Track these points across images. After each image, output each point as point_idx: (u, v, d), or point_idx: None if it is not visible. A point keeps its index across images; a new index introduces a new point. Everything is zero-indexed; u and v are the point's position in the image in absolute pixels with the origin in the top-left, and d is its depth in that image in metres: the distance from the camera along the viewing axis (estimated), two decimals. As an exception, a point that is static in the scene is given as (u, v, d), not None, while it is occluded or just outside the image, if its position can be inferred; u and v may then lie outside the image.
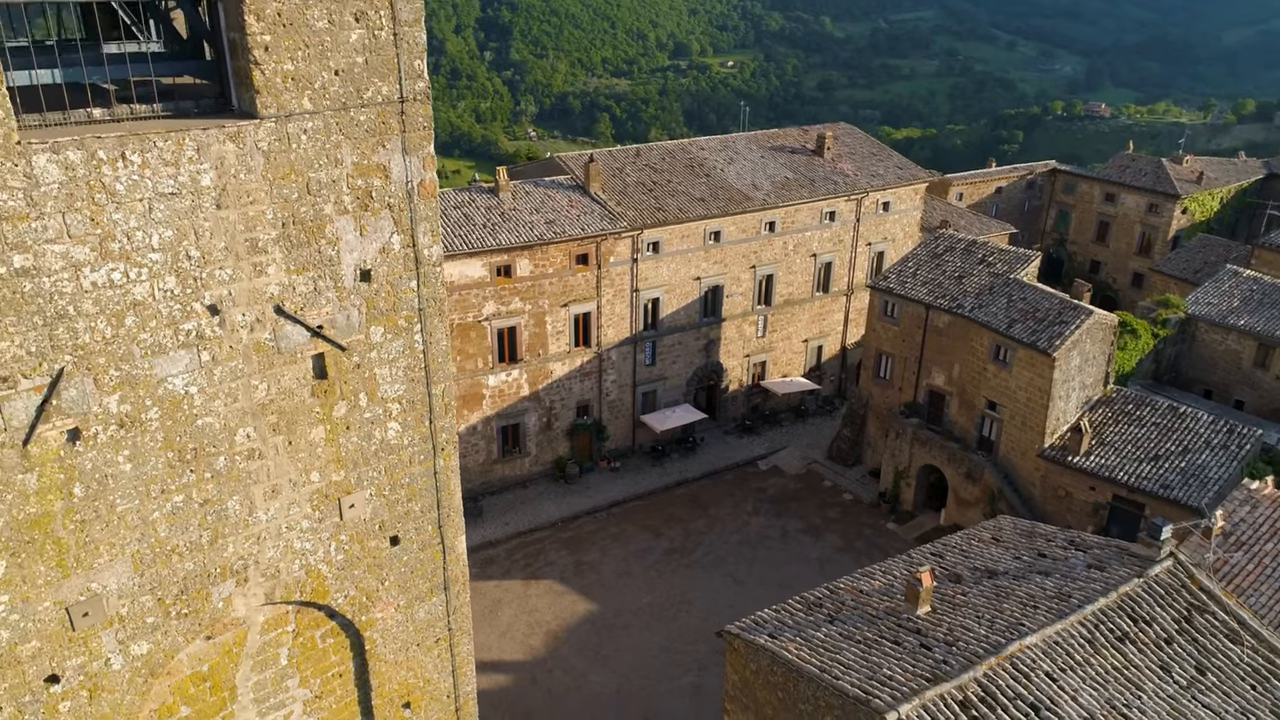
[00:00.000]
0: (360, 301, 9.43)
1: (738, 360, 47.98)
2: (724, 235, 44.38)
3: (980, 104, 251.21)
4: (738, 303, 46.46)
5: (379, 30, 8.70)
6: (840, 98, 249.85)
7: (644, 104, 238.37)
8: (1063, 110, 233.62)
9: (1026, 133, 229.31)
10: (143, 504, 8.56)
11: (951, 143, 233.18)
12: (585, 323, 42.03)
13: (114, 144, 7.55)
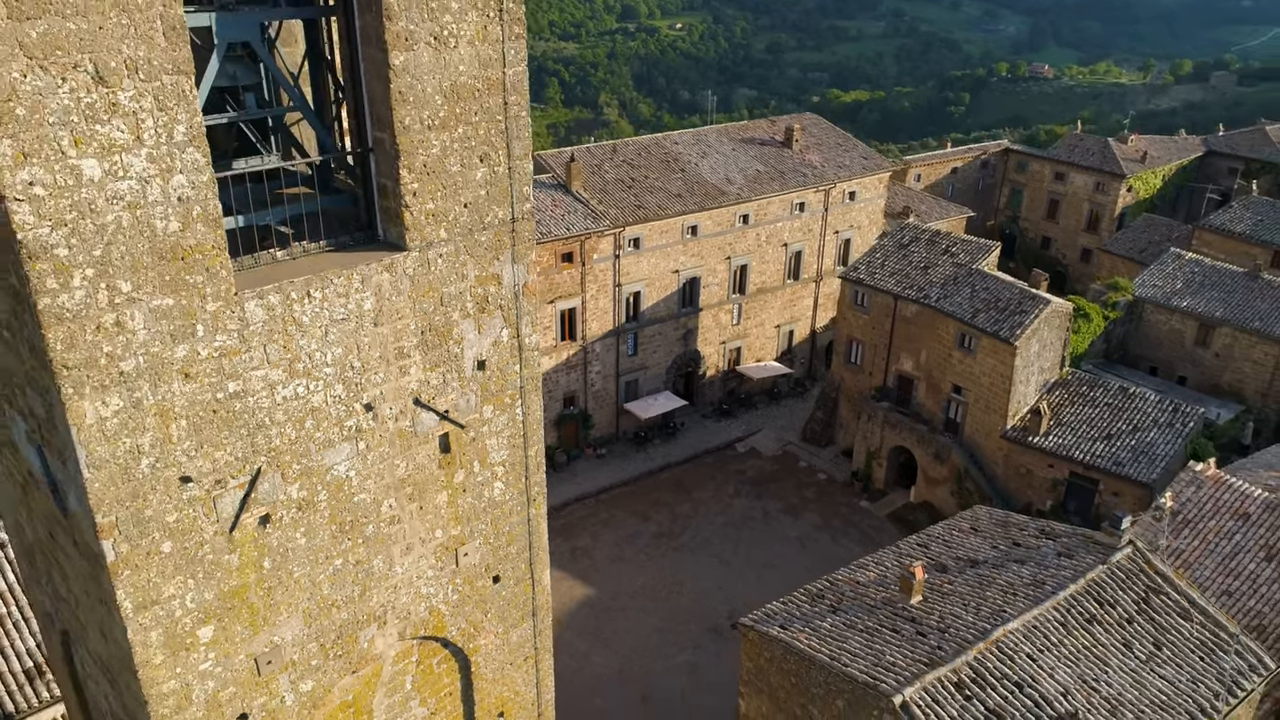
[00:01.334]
0: (477, 387, 11.13)
1: (714, 347, 50.01)
2: (700, 229, 46.16)
3: (927, 65, 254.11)
4: (714, 293, 48.38)
5: (498, 167, 10.35)
6: (789, 60, 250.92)
7: (593, 68, 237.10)
8: (1007, 72, 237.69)
9: (973, 95, 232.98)
10: (312, 569, 10.26)
11: (900, 105, 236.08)
12: (571, 318, 43.64)
13: (303, 285, 9.15)
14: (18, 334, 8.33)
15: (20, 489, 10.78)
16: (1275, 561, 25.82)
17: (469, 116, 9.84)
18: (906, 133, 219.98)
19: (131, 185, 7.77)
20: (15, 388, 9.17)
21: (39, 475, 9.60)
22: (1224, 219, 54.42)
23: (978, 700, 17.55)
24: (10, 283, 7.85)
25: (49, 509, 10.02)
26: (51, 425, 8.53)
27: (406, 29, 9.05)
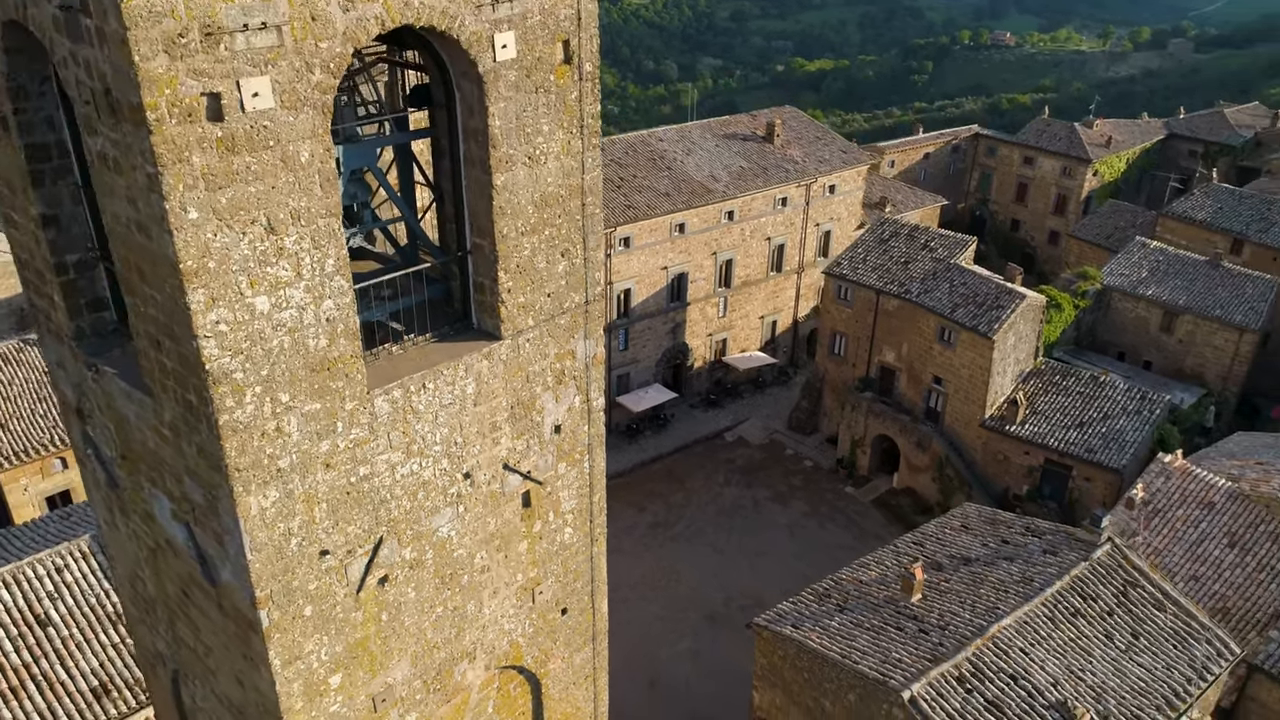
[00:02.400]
0: (553, 448, 12.49)
1: (701, 339, 51.49)
2: (688, 226, 47.44)
3: (890, 33, 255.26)
4: (701, 287, 49.78)
5: (575, 259, 11.64)
6: (753, 29, 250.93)
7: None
8: (970, 40, 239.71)
9: (936, 63, 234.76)
10: (419, 618, 11.64)
11: (864, 74, 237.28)
12: (564, 316, 44.78)
13: (419, 379, 10.44)
14: (184, 436, 9.56)
15: (149, 551, 11.99)
16: (1238, 548, 27.97)
17: (554, 220, 11.13)
18: (871, 101, 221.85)
19: (292, 313, 9.00)
20: (167, 474, 10.39)
21: (183, 548, 10.85)
22: (1186, 206, 56.65)
23: (978, 693, 19.37)
24: (188, 398, 9.07)
25: (185, 573, 11.28)
26: (213, 513, 9.79)
27: (507, 154, 10.30)
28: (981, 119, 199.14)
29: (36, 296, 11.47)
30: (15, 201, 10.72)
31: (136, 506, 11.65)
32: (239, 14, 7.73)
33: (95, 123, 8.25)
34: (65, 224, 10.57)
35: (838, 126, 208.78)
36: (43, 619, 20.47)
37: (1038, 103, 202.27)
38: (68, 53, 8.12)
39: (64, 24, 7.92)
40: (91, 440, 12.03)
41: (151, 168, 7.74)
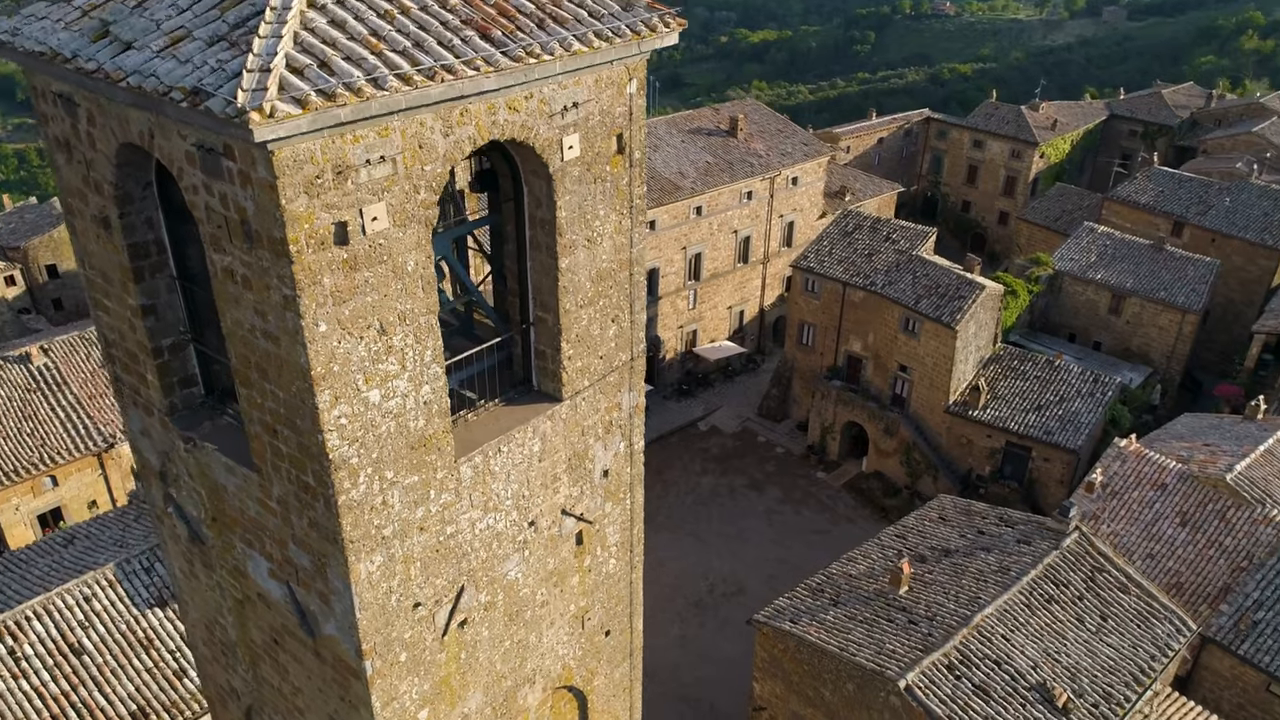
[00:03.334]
0: (602, 490, 13.67)
1: (672, 331, 52.78)
2: (659, 223, 48.54)
3: (832, 2, 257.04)
4: (671, 281, 50.99)
5: (624, 323, 12.77)
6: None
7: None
8: (911, 9, 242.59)
9: (878, 33, 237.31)
10: (491, 653, 12.82)
11: (807, 44, 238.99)
12: (541, 315, 45.71)
13: (496, 445, 11.57)
14: (294, 510, 10.56)
15: (235, 602, 12.95)
16: (1189, 526, 30.22)
17: (607, 291, 12.25)
18: (814, 72, 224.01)
19: (397, 401, 10.04)
20: (267, 539, 11.37)
21: (277, 602, 11.87)
22: (1129, 190, 59.21)
23: (966, 679, 21.12)
24: (304, 480, 10.08)
25: (277, 624, 12.28)
26: (320, 576, 10.82)
27: (570, 239, 11.38)
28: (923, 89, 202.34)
29: (124, 373, 12.29)
30: (111, 291, 11.53)
31: (225, 562, 12.59)
32: (363, 152, 8.71)
33: (225, 244, 9.18)
34: (161, 312, 11.41)
35: (783, 99, 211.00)
36: (76, 647, 21.18)
37: (978, 72, 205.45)
38: (200, 183, 9.02)
39: (201, 162, 8.81)
40: (174, 501, 12.91)
41: (289, 290, 8.72)
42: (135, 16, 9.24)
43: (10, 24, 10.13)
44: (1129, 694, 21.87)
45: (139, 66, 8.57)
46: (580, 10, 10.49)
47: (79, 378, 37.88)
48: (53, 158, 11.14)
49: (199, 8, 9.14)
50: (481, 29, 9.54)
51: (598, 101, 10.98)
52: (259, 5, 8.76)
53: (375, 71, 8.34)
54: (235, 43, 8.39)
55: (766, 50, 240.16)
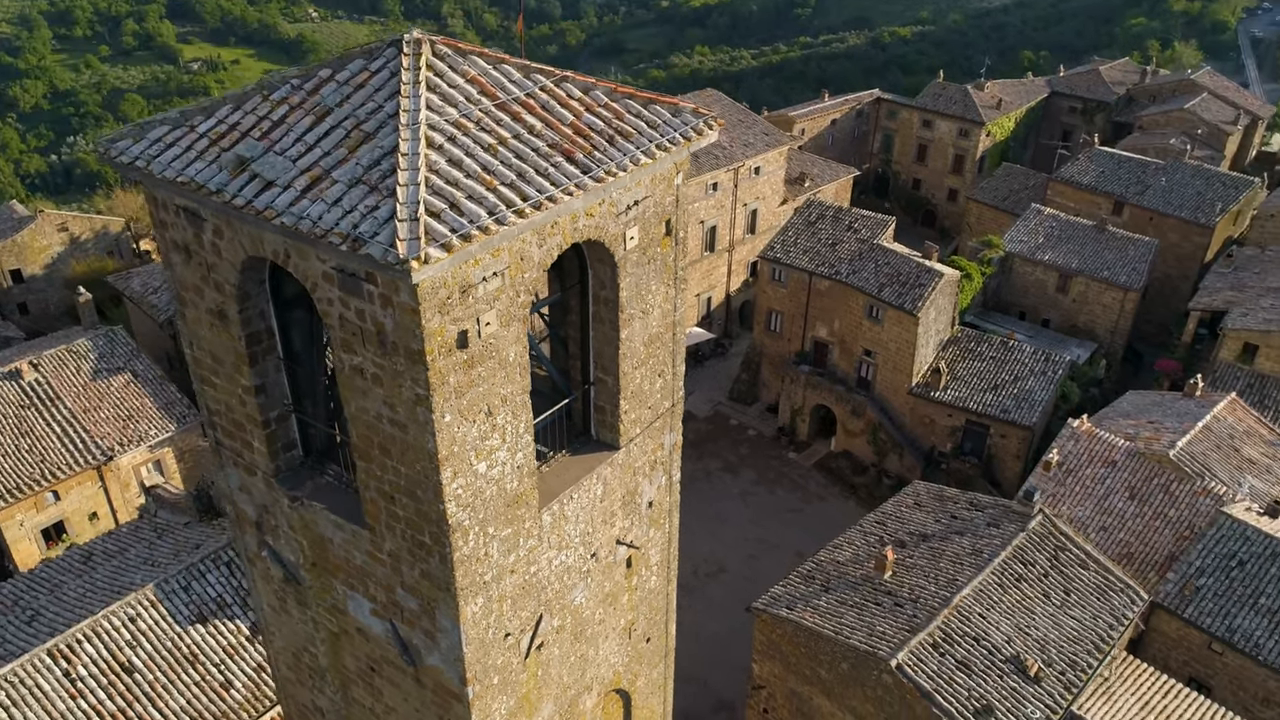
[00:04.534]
0: (647, 519, 15.47)
1: (644, 320, 54.42)
2: (630, 218, 49.97)
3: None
4: (642, 273, 52.54)
5: (667, 377, 14.54)
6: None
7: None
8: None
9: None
10: (560, 669, 14.62)
11: (748, 8, 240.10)
12: (520, 312, 47.09)
13: (569, 493, 13.31)
14: (405, 563, 12.18)
15: (330, 635, 14.54)
16: (1137, 500, 33.06)
17: (656, 352, 13.97)
18: (757, 36, 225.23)
19: (499, 469, 11.69)
20: (372, 584, 12.98)
21: (377, 635, 13.51)
22: (1072, 171, 62.10)
23: (950, 656, 23.51)
24: (420, 539, 11.71)
25: (374, 654, 13.93)
26: (427, 616, 12.48)
27: (629, 314, 13.06)
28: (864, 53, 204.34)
29: (226, 439, 13.71)
30: (220, 371, 12.92)
31: (322, 601, 14.16)
32: (480, 271, 10.29)
33: (357, 348, 10.70)
34: (270, 389, 12.85)
35: (726, 65, 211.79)
36: (127, 666, 22.51)
37: (918, 35, 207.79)
38: (336, 298, 10.51)
39: (341, 283, 10.30)
40: (269, 547, 14.42)
41: (423, 391, 10.31)
42: (270, 154, 10.63)
43: (140, 149, 11.41)
44: (1091, 661, 24.49)
45: (289, 207, 10.02)
46: (639, 123, 12.11)
47: (71, 391, 38.46)
48: (168, 256, 12.46)
49: (326, 143, 10.60)
50: (566, 153, 11.13)
51: (653, 196, 12.64)
52: (385, 146, 10.28)
53: (496, 210, 9.92)
54: (375, 187, 9.89)
55: (708, 15, 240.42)
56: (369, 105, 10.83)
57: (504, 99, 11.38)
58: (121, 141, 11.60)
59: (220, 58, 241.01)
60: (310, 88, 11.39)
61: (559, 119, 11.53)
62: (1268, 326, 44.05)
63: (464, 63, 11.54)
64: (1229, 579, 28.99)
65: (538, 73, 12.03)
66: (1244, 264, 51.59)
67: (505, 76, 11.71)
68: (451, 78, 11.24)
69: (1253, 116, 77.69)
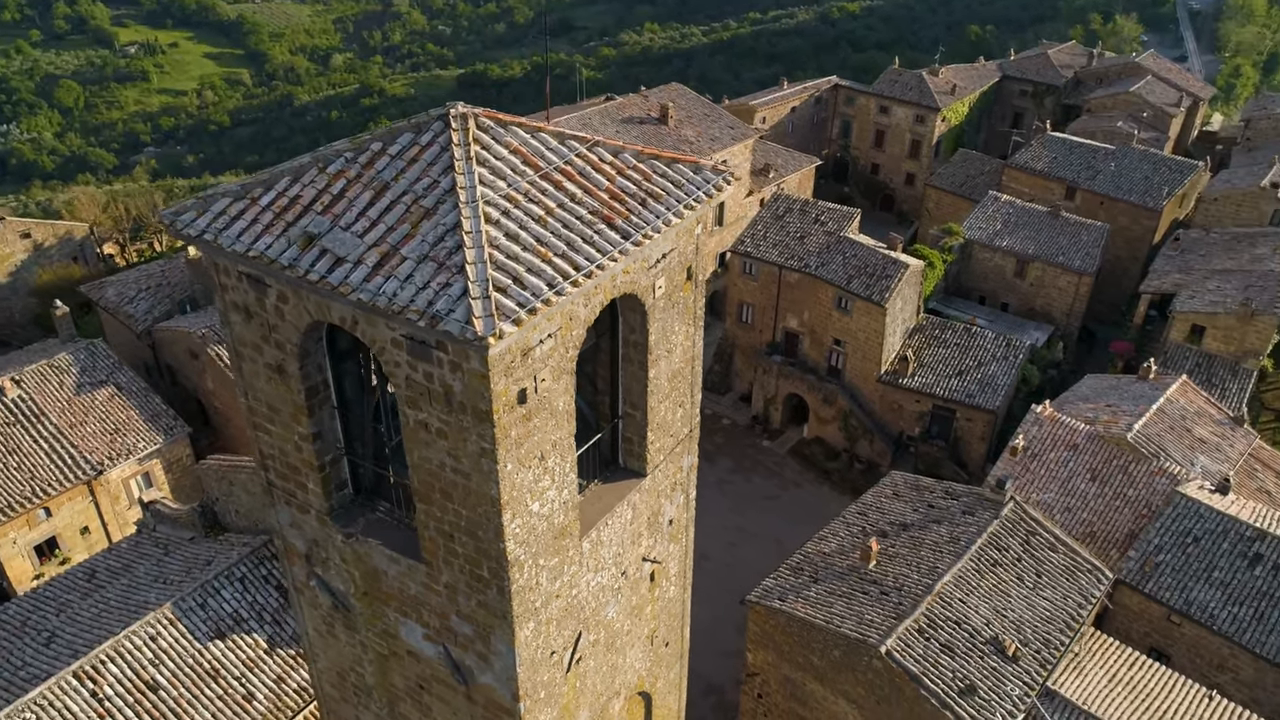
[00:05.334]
0: (667, 535, 16.65)
1: (617, 314, 55.47)
2: (602, 216, 50.87)
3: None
4: (615, 268, 53.50)
5: (687, 407, 15.68)
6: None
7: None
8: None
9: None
10: (594, 678, 15.81)
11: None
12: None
13: (605, 521, 14.44)
14: (462, 594, 13.22)
15: (379, 656, 15.55)
16: (1098, 481, 35.04)
17: (679, 386, 15.10)
18: (705, 13, 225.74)
19: (549, 506, 12.78)
20: (426, 612, 14.00)
21: (427, 656, 14.56)
22: (1026, 157, 64.13)
23: (934, 640, 25.14)
24: (478, 573, 12.77)
25: (424, 673, 14.97)
26: (482, 641, 13.55)
27: (656, 355, 14.17)
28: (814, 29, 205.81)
29: (280, 480, 14.59)
30: (276, 419, 13.79)
31: (373, 626, 15.15)
32: (538, 335, 11.32)
33: (423, 405, 11.68)
34: (325, 435, 13.76)
35: (676, 42, 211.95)
36: (151, 684, 23.26)
37: (866, 10, 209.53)
38: (404, 361, 11.47)
39: (410, 349, 11.26)
40: (317, 576, 15.35)
41: (488, 445, 11.35)
42: (336, 230, 11.51)
43: (205, 223, 12.19)
44: (1064, 639, 26.32)
45: (364, 284, 10.93)
46: (666, 183, 13.19)
47: (55, 407, 38.57)
48: (227, 315, 13.27)
49: (389, 218, 11.52)
50: (607, 219, 12.17)
51: (678, 248, 13.73)
52: (448, 223, 11.23)
53: (554, 282, 10.95)
54: (443, 263, 10.85)
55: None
56: (425, 180, 11.74)
57: (545, 168, 12.37)
58: (186, 214, 12.37)
59: (158, 41, 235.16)
60: (364, 161, 12.26)
61: (595, 184, 12.56)
62: (1213, 309, 46.41)
63: (506, 134, 12.49)
64: (1185, 555, 31.07)
65: (571, 139, 13.03)
66: (1190, 246, 54.01)
67: (543, 145, 12.68)
68: (496, 150, 12.19)
69: (1194, 98, 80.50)
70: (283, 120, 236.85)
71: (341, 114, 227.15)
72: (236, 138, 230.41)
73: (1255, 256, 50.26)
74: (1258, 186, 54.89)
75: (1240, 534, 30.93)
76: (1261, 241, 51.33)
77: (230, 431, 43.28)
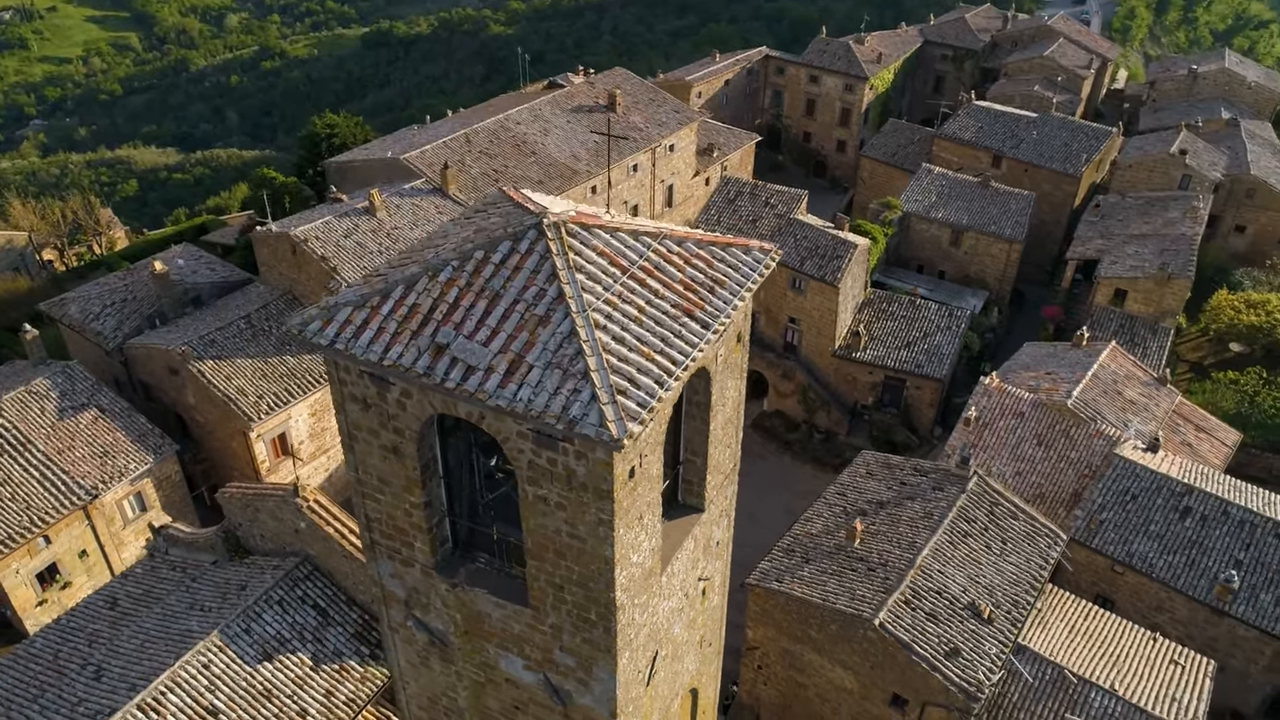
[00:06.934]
0: (715, 554, 18.94)
1: (577, 300, 57.11)
2: (561, 207, 52.24)
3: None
4: (574, 256, 55.04)
5: (734, 446, 17.89)
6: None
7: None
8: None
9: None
10: (664, 686, 18.10)
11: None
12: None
13: (678, 555, 16.63)
14: (567, 633, 15.24)
15: (475, 684, 17.51)
16: (1044, 445, 38.55)
17: (730, 431, 17.24)
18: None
19: (644, 555, 14.85)
20: (528, 647, 16.00)
21: (526, 683, 16.60)
22: (954, 127, 67.30)
23: (920, 609, 28.14)
24: (586, 616, 14.81)
25: (520, 697, 17.00)
26: (584, 670, 15.64)
27: (715, 410, 16.26)
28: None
29: (384, 539, 16.30)
30: (386, 489, 15.47)
31: (471, 659, 17.09)
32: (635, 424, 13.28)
33: (544, 484, 13.56)
34: (434, 502, 15.51)
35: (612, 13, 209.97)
36: (210, 709, 24.74)
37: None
38: (528, 449, 13.30)
39: (535, 439, 13.09)
40: (415, 618, 17.18)
41: (606, 516, 13.33)
42: (462, 340, 13.20)
43: (334, 332, 13.71)
44: (1029, 598, 29.65)
45: (499, 390, 12.69)
46: (726, 268, 15.18)
47: (41, 434, 38.76)
48: (343, 404, 14.85)
49: (508, 326, 13.26)
50: (688, 311, 14.14)
51: (734, 321, 15.75)
52: (563, 331, 13.04)
53: (661, 380, 12.92)
54: (567, 370, 12.68)
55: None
56: (533, 289, 13.49)
57: (629, 267, 14.22)
58: (313, 325, 13.88)
59: (34, 4, 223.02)
60: (471, 269, 13.91)
61: (671, 277, 14.47)
62: (1134, 273, 50.39)
63: (591, 237, 14.27)
64: (1125, 511, 34.79)
65: (643, 235, 14.85)
66: (1109, 211, 58.01)
67: (623, 244, 14.50)
68: (587, 254, 13.99)
69: (1103, 59, 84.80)
70: (179, 87, 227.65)
71: (243, 78, 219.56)
72: (130, 107, 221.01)
73: (1168, 220, 54.44)
74: (1168, 153, 59.06)
75: (1172, 490, 34.76)
76: (1173, 205, 55.53)
77: (212, 443, 43.91)
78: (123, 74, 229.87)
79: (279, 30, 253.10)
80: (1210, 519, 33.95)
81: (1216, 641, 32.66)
